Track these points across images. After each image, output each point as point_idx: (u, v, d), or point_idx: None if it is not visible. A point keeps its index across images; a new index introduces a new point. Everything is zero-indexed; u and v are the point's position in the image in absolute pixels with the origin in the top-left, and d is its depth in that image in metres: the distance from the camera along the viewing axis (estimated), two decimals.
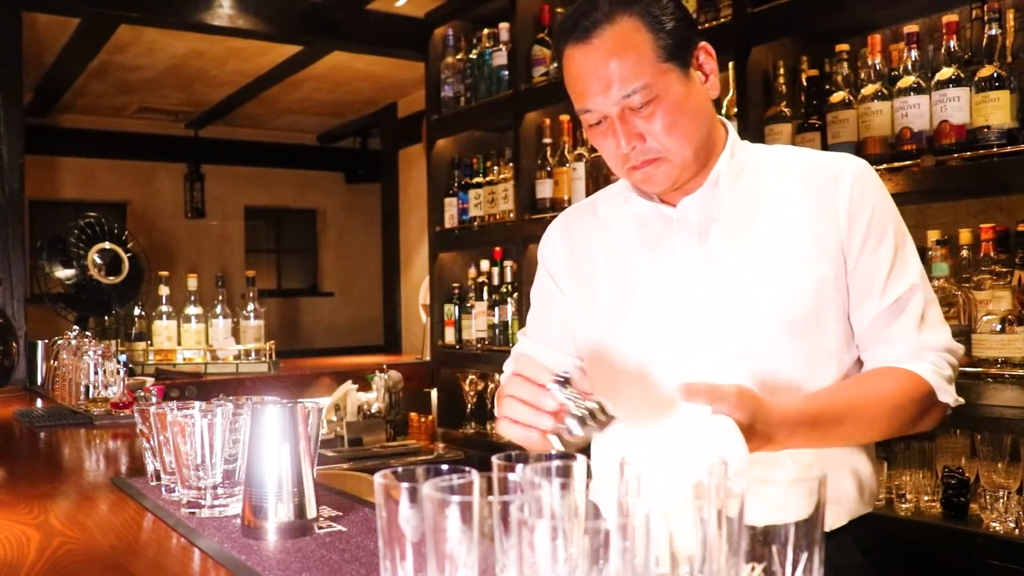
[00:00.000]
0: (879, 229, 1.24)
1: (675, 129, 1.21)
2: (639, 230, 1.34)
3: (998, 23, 1.98)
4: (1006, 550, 1.87)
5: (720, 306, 1.24)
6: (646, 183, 1.27)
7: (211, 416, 1.16)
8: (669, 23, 1.20)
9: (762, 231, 1.25)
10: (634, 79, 1.18)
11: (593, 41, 1.20)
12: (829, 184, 1.24)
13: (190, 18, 4.23)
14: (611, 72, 1.19)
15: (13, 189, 3.67)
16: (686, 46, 1.22)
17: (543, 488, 0.65)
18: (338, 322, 8.30)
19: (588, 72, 1.21)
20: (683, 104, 1.21)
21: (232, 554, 1.01)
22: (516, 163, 3.35)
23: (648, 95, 1.18)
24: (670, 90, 1.19)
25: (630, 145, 1.21)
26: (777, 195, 1.27)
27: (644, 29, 1.19)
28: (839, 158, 1.31)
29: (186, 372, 3.93)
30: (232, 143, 7.77)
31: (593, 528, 0.55)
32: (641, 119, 1.20)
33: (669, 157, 1.22)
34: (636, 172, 1.25)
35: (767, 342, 1.22)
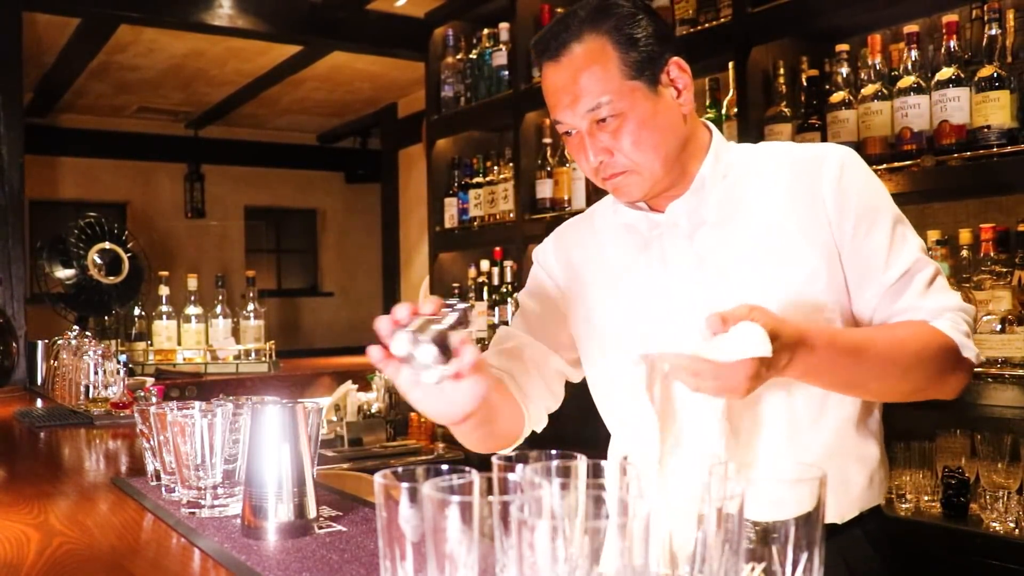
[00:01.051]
0: (870, 211, 1.23)
1: (641, 144, 1.23)
2: (630, 237, 1.35)
3: (998, 23, 1.98)
4: (1006, 550, 1.87)
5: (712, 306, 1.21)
6: (618, 193, 1.30)
7: (211, 416, 1.16)
8: (640, 40, 1.23)
9: (749, 229, 1.26)
10: (599, 94, 1.21)
11: (562, 59, 1.25)
12: (812, 174, 1.24)
13: (190, 18, 4.24)
14: (578, 88, 1.22)
15: (13, 189, 3.67)
16: (655, 62, 1.24)
17: (543, 488, 0.65)
18: (338, 322, 8.30)
19: (558, 88, 1.25)
20: (650, 120, 1.23)
21: (232, 554, 1.01)
22: (516, 163, 3.35)
23: (613, 110, 1.21)
24: (636, 106, 1.22)
25: (598, 159, 1.25)
26: (762, 192, 1.27)
27: (611, 47, 1.22)
28: (821, 148, 1.30)
29: (186, 372, 3.93)
30: (232, 143, 7.78)
31: (593, 528, 0.55)
32: (608, 134, 1.23)
33: (638, 170, 1.25)
34: (608, 182, 1.29)
35: None
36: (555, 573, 0.55)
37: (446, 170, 3.84)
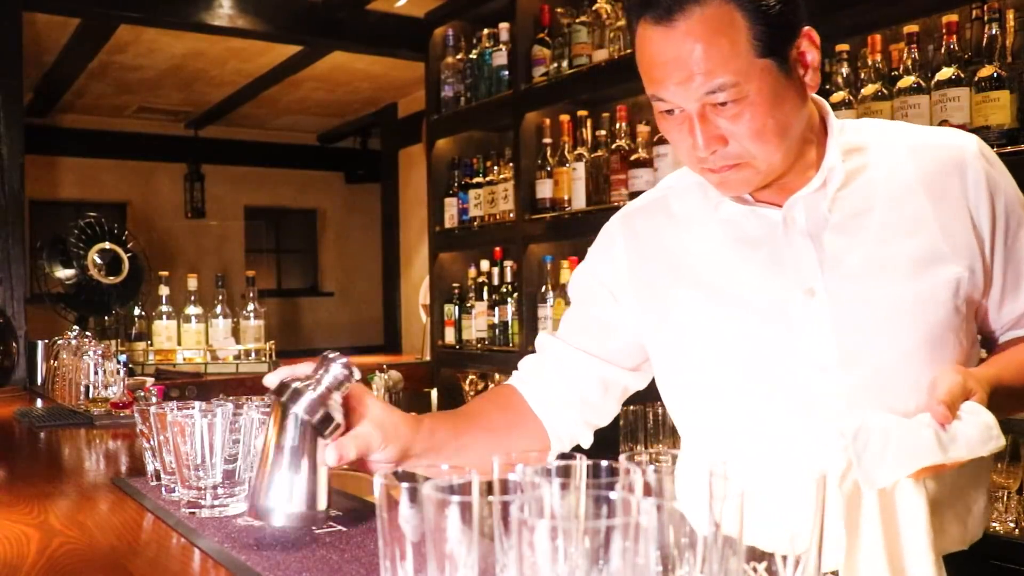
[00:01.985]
0: (1013, 210, 1.11)
1: (763, 134, 1.03)
2: (731, 233, 1.16)
3: (998, 23, 1.98)
4: (1006, 550, 1.87)
5: (844, 317, 1.08)
6: (723, 187, 1.11)
7: (211, 416, 1.16)
8: (774, 8, 1.01)
9: (882, 228, 1.08)
10: (722, 74, 1.00)
11: (677, 23, 1.00)
12: (951, 169, 1.09)
13: (190, 18, 4.24)
14: (695, 63, 1.00)
15: (13, 189, 3.67)
16: (790, 36, 1.03)
17: (543, 488, 0.65)
18: (338, 322, 8.31)
19: (666, 59, 1.02)
20: (776, 106, 1.02)
21: (232, 554, 1.01)
22: (516, 163, 3.35)
23: (736, 94, 1.01)
24: (762, 90, 1.01)
25: (709, 149, 1.04)
26: (895, 186, 1.10)
27: (740, 16, 1.00)
28: (954, 137, 1.14)
29: (186, 372, 3.93)
30: (232, 143, 7.78)
31: (593, 528, 0.55)
32: (725, 119, 1.02)
33: (753, 163, 1.06)
34: (712, 175, 1.09)
35: (899, 356, 1.07)
36: (555, 573, 0.55)
37: (446, 170, 3.84)
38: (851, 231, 1.09)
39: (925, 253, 1.08)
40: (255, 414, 1.22)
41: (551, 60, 3.22)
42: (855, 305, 1.08)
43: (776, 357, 1.11)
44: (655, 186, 1.32)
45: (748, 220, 1.14)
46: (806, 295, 1.09)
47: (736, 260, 1.15)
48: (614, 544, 0.54)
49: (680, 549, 0.65)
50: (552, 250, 3.28)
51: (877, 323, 1.08)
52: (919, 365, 1.07)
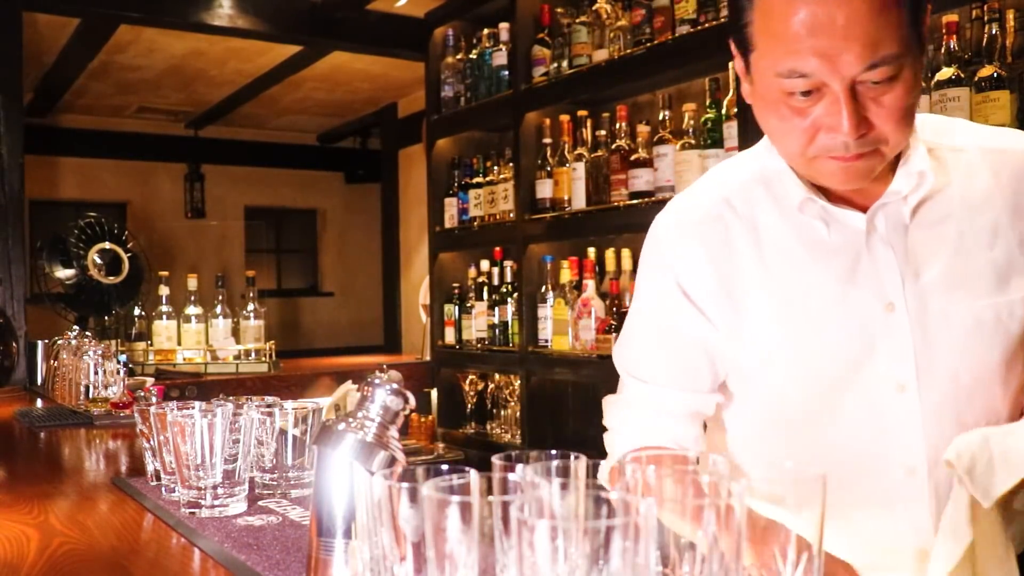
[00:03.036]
0: None
1: (905, 116, 0.93)
2: (807, 237, 1.06)
3: (998, 23, 1.98)
4: None
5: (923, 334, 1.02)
6: (841, 179, 0.98)
7: (211, 416, 1.16)
8: None
9: (960, 239, 1.02)
10: (889, 45, 0.88)
11: None
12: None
13: (190, 18, 4.23)
14: (864, 30, 0.87)
15: (13, 189, 3.67)
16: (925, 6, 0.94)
17: (543, 488, 0.65)
18: (338, 322, 8.31)
19: (824, 23, 0.87)
20: (917, 84, 0.93)
21: (232, 554, 1.01)
22: (516, 163, 3.35)
23: (893, 71, 0.90)
24: (913, 66, 0.91)
25: (858, 133, 0.92)
26: (968, 192, 1.03)
27: None
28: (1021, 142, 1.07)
29: (186, 372, 3.93)
30: (232, 143, 7.78)
31: (593, 528, 0.55)
32: (873, 100, 0.91)
33: (883, 150, 0.95)
34: (834, 163, 0.96)
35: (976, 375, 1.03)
36: (555, 573, 0.55)
37: (446, 170, 3.84)
38: (930, 241, 1.02)
39: (1003, 266, 1.01)
40: (255, 414, 1.22)
41: (551, 60, 3.22)
42: (934, 321, 1.02)
43: (853, 376, 1.05)
44: (698, 187, 1.18)
45: (828, 225, 1.05)
46: (886, 309, 1.03)
47: (814, 270, 1.05)
48: (614, 544, 0.54)
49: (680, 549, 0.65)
50: (552, 250, 3.28)
51: (955, 341, 1.02)
52: (994, 385, 1.03)
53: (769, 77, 0.94)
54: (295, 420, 1.27)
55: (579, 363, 3.02)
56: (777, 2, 0.91)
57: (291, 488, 1.28)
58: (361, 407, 0.83)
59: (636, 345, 1.19)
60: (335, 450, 0.80)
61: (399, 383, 0.83)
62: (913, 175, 1.00)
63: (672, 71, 2.81)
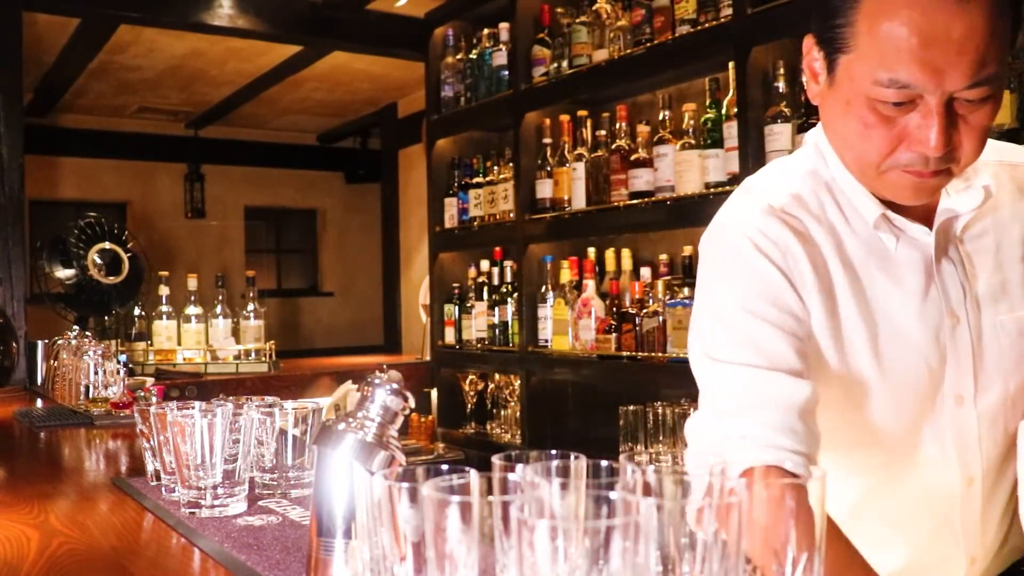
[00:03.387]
0: None
1: (984, 138, 0.93)
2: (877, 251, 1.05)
3: None
4: None
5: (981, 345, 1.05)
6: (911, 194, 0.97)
7: (211, 416, 1.16)
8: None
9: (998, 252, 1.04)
10: (993, 65, 0.87)
11: None
12: None
13: (190, 18, 4.23)
14: (976, 48, 0.85)
15: (13, 189, 3.67)
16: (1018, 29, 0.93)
17: (543, 488, 0.65)
18: (338, 322, 8.31)
19: (940, 35, 0.85)
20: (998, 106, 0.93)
21: (232, 554, 1.01)
22: (516, 163, 3.35)
23: (991, 90, 0.89)
24: (1001, 88, 0.91)
25: (945, 148, 0.90)
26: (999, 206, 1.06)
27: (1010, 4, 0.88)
28: None
29: (186, 372, 3.93)
30: (232, 143, 7.78)
31: (593, 528, 0.55)
32: (962, 119, 0.91)
33: (955, 169, 0.95)
34: (908, 178, 0.94)
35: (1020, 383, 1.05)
36: (555, 573, 0.55)
37: (446, 170, 3.84)
38: (976, 255, 1.05)
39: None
40: (255, 414, 1.22)
41: (551, 60, 3.22)
42: (987, 333, 1.04)
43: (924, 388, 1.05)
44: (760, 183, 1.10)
45: (898, 239, 1.04)
46: (952, 323, 1.03)
47: (888, 284, 1.04)
48: (614, 544, 0.54)
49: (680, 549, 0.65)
50: (552, 250, 3.28)
51: (1003, 351, 1.05)
52: None
53: (863, 82, 0.91)
54: (295, 420, 1.27)
55: (579, 363, 3.02)
56: (890, 7, 0.88)
57: (291, 488, 1.28)
58: (361, 407, 0.83)
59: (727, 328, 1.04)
60: (335, 450, 0.80)
61: (399, 383, 0.83)
62: (978, 189, 1.01)
63: (672, 71, 2.81)
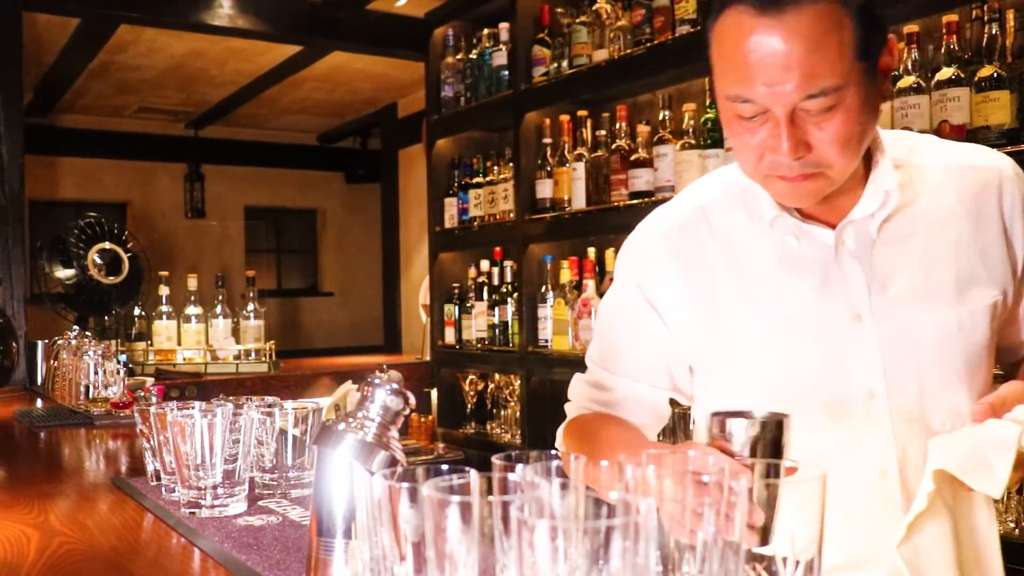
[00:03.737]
0: None
1: (849, 143, 0.98)
2: (781, 252, 1.11)
3: (998, 23, 1.98)
4: (1006, 550, 1.87)
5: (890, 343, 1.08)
6: (789, 197, 1.05)
7: (211, 416, 1.16)
8: (875, 9, 0.97)
9: (925, 253, 1.08)
10: (826, 79, 0.94)
11: (787, 16, 0.93)
12: (987, 193, 1.09)
13: (190, 18, 4.24)
14: (800, 64, 0.93)
15: (13, 189, 3.67)
16: (883, 40, 0.99)
17: (543, 488, 0.65)
18: (338, 322, 8.31)
19: (766, 56, 0.94)
20: (865, 112, 0.98)
21: (232, 554, 1.01)
22: (516, 163, 3.35)
23: (836, 99, 0.95)
24: (858, 95, 0.97)
25: (795, 155, 0.98)
26: (934, 207, 1.09)
27: (847, 15, 0.94)
28: (987, 158, 1.13)
29: (186, 372, 3.93)
30: (232, 143, 7.78)
31: (593, 528, 0.55)
32: (814, 126, 0.97)
33: (829, 173, 1.01)
34: (782, 183, 1.03)
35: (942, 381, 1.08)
36: (555, 573, 0.55)
37: (446, 170, 3.84)
38: (897, 255, 1.08)
39: (966, 278, 1.08)
40: (255, 414, 1.22)
41: (551, 60, 3.22)
42: (901, 331, 1.07)
43: (824, 384, 1.10)
44: (679, 197, 1.24)
45: (799, 240, 1.10)
46: (854, 320, 1.08)
47: (787, 280, 1.11)
48: (614, 544, 0.54)
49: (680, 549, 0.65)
50: (552, 250, 3.28)
51: (921, 349, 1.07)
52: (960, 389, 1.08)
53: (723, 99, 1.02)
54: (295, 420, 1.27)
55: (579, 363, 2.99)
56: (728, 31, 0.99)
57: (291, 488, 1.28)
58: (361, 407, 0.83)
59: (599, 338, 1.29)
60: (335, 450, 0.81)
61: (399, 383, 0.83)
62: (880, 194, 1.06)
63: (672, 71, 2.81)
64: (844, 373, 1.08)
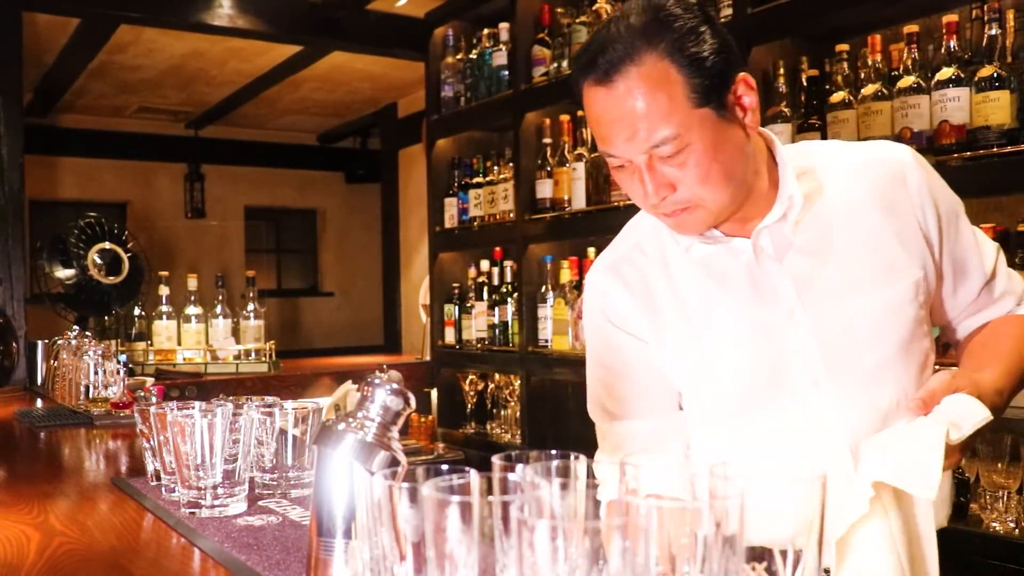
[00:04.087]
0: (951, 211, 1.21)
1: (709, 178, 1.07)
2: (707, 269, 1.20)
3: (998, 23, 1.98)
4: (1006, 550, 1.87)
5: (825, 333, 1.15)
6: (680, 229, 1.16)
7: (211, 416, 1.16)
8: (707, 59, 1.05)
9: (844, 248, 1.16)
10: (663, 129, 1.05)
11: (616, 82, 1.06)
12: (894, 182, 1.17)
13: (190, 18, 4.24)
14: (637, 120, 1.05)
15: (13, 189, 3.67)
16: (724, 82, 1.07)
17: (543, 488, 0.65)
18: (338, 322, 8.31)
19: (612, 118, 1.07)
20: (718, 150, 1.07)
21: (232, 554, 1.01)
22: (516, 163, 3.35)
23: (679, 145, 1.05)
24: (704, 137, 1.06)
25: (659, 196, 1.09)
26: (846, 205, 1.17)
27: (675, 70, 1.04)
28: (888, 151, 1.21)
29: (186, 372, 3.93)
30: (232, 143, 7.78)
31: (593, 528, 0.55)
32: (672, 167, 1.07)
33: (703, 204, 1.10)
34: (667, 218, 1.14)
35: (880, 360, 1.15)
36: (555, 573, 0.55)
37: (446, 170, 3.84)
38: (816, 253, 1.16)
39: (887, 265, 1.16)
40: (255, 414, 1.22)
41: (551, 60, 3.22)
42: (833, 321, 1.15)
43: (772, 379, 1.18)
44: (617, 238, 1.35)
45: (720, 255, 1.19)
46: (787, 317, 1.16)
47: (718, 294, 1.19)
48: (614, 544, 0.54)
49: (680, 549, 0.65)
50: (552, 250, 3.28)
51: (855, 335, 1.15)
52: (898, 364, 1.17)
53: (605, 158, 1.16)
54: (295, 420, 1.27)
55: (579, 363, 3.00)
56: (587, 101, 1.12)
57: (291, 488, 1.28)
58: (361, 407, 0.83)
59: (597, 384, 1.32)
60: (335, 450, 0.80)
61: (399, 383, 0.83)
62: (784, 199, 1.15)
63: None
64: (788, 367, 1.16)
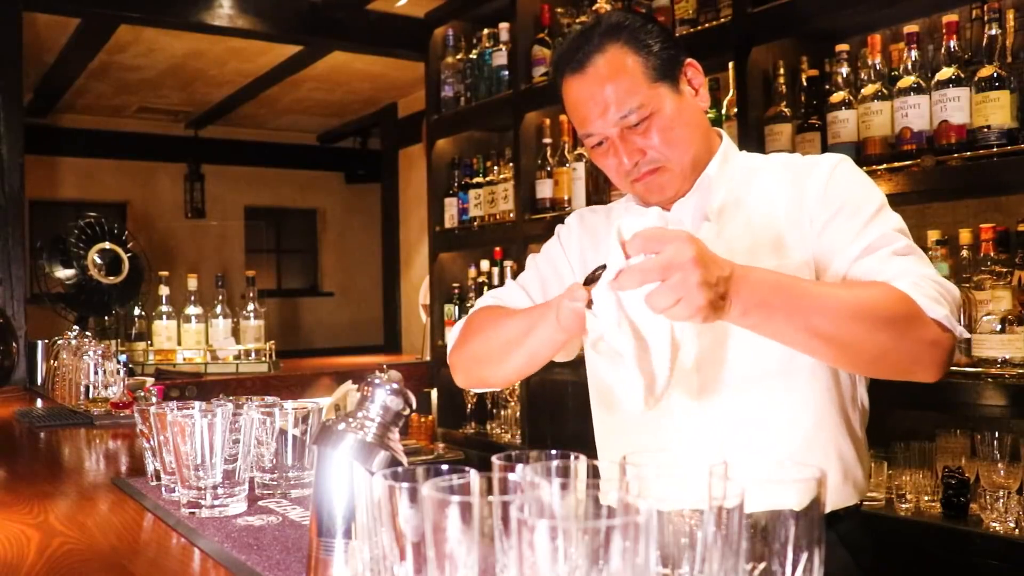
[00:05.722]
0: (849, 204, 1.28)
1: (673, 140, 1.32)
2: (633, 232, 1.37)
3: (998, 23, 1.98)
4: (1006, 550, 1.87)
5: None
6: (650, 192, 1.36)
7: (211, 416, 1.16)
8: (656, 46, 1.33)
9: (746, 224, 1.34)
10: (629, 100, 1.30)
11: (587, 70, 1.32)
12: (804, 175, 1.34)
13: (190, 18, 4.24)
14: (607, 97, 1.30)
15: (13, 189, 3.67)
16: (673, 65, 1.35)
17: (543, 488, 0.65)
18: (338, 322, 8.31)
19: (586, 99, 1.32)
20: (677, 117, 1.33)
21: (232, 554, 1.01)
22: (516, 163, 3.35)
23: (643, 113, 1.30)
24: (663, 106, 1.31)
25: (632, 160, 1.32)
26: (761, 194, 1.36)
27: (632, 54, 1.31)
28: (824, 156, 1.39)
29: (186, 372, 3.93)
30: (232, 143, 7.78)
31: (593, 528, 0.55)
32: (639, 135, 1.31)
33: (669, 166, 1.33)
34: (639, 184, 1.35)
35: None
36: (555, 573, 0.55)
37: (446, 170, 3.84)
38: (724, 227, 1.34)
39: (778, 242, 1.32)
40: (255, 414, 1.22)
41: (551, 60, 3.22)
42: None
43: None
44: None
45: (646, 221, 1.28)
46: None
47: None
48: (614, 544, 0.54)
49: (680, 549, 0.65)
50: None
51: None
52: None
53: (584, 140, 1.38)
54: (295, 420, 1.27)
55: (579, 363, 3.01)
56: (566, 93, 1.37)
57: (291, 488, 1.28)
58: (361, 407, 0.83)
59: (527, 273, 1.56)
60: (335, 450, 0.81)
61: (399, 383, 0.83)
62: (706, 177, 1.36)
63: None
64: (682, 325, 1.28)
